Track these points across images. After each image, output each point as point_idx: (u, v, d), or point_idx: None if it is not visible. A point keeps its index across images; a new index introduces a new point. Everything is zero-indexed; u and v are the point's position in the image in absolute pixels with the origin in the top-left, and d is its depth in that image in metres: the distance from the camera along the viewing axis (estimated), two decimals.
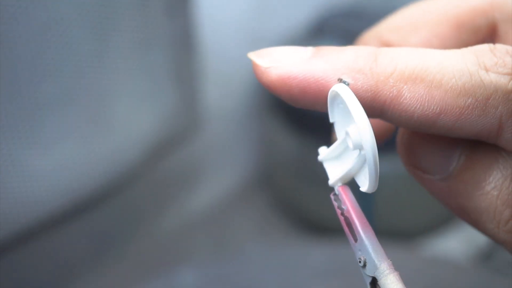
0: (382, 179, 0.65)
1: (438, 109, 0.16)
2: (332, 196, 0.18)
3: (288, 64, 0.18)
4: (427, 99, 0.16)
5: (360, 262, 0.17)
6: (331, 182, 0.19)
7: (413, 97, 0.16)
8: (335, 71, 0.18)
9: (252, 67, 0.19)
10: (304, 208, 0.63)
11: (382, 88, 0.17)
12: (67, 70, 0.37)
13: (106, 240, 0.56)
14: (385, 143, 0.25)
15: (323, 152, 0.19)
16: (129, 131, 0.43)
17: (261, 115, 0.66)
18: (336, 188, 0.19)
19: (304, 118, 0.58)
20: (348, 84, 0.17)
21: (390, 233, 0.59)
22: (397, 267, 0.44)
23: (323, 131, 0.58)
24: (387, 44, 0.22)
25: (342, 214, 0.18)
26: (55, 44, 0.36)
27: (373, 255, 0.17)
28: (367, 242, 0.17)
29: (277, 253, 0.44)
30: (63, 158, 0.39)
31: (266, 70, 0.18)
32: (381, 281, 0.17)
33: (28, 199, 0.38)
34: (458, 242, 0.62)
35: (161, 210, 0.61)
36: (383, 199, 0.58)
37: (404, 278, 0.43)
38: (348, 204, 0.18)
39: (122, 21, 0.39)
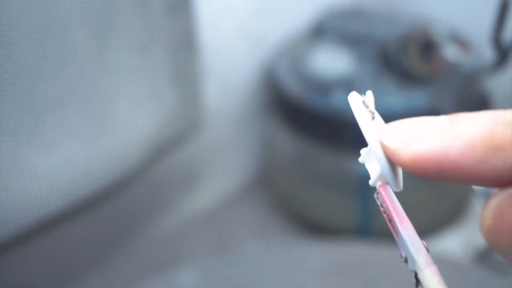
0: None
1: None
2: (375, 195, 0.19)
3: (418, 145, 0.17)
4: None
5: (402, 257, 0.18)
6: (371, 181, 0.19)
7: None
8: (472, 150, 0.16)
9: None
10: (304, 208, 0.63)
11: None
12: (67, 71, 0.37)
13: (106, 240, 0.57)
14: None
15: (363, 153, 0.20)
16: (129, 131, 0.43)
17: (261, 115, 0.66)
18: (376, 187, 0.19)
19: (304, 118, 0.58)
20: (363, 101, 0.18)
21: (389, 234, 0.60)
22: (397, 267, 0.44)
23: (323, 131, 0.58)
24: None
25: (385, 212, 0.19)
26: (56, 45, 0.36)
27: (411, 250, 0.18)
28: (405, 238, 0.18)
29: (277, 253, 0.44)
30: (64, 159, 0.39)
31: (396, 152, 0.17)
32: (419, 276, 0.17)
33: (28, 199, 0.38)
34: (457, 244, 0.62)
35: (162, 210, 0.61)
36: None
37: (404, 278, 0.43)
38: (388, 202, 0.18)
39: (122, 21, 0.39)
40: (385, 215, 0.19)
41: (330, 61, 0.59)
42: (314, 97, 0.56)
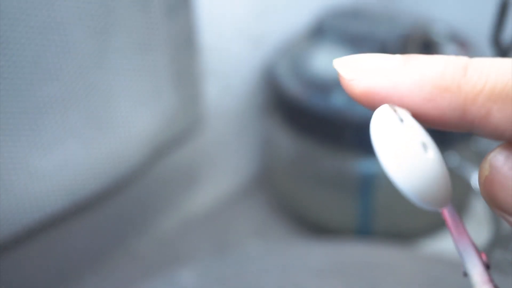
0: (381, 181, 0.66)
1: None
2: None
3: (371, 79, 0.17)
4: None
5: (462, 273, 0.18)
6: None
7: (503, 117, 0.15)
8: (420, 89, 0.17)
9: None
10: (304, 208, 0.63)
11: (470, 108, 0.16)
12: (67, 70, 0.37)
13: (106, 240, 0.57)
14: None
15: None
16: (129, 131, 0.43)
17: (261, 115, 0.66)
18: None
19: (304, 118, 0.58)
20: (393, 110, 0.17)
21: (389, 234, 0.60)
22: (397, 267, 0.44)
23: (323, 131, 0.58)
24: None
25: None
26: (56, 44, 0.36)
27: (467, 266, 0.17)
28: (462, 253, 0.18)
29: (277, 253, 0.44)
30: (64, 159, 0.39)
31: (350, 83, 0.18)
32: None
33: (28, 199, 0.38)
34: None
35: (161, 210, 0.61)
36: (383, 201, 0.58)
37: (404, 278, 0.43)
38: (447, 218, 0.18)
39: (122, 21, 0.39)
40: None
41: (330, 61, 0.58)
42: (314, 97, 0.56)
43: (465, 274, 0.17)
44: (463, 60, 0.17)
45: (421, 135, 0.17)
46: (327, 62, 0.59)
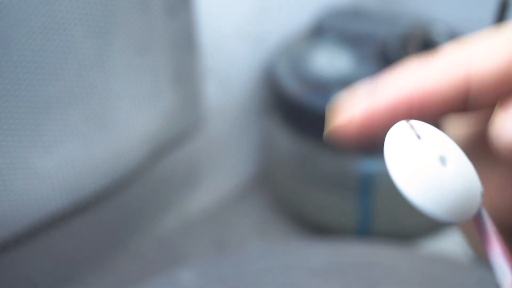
0: (381, 181, 0.65)
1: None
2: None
3: (351, 117, 0.17)
4: (498, 49, 0.16)
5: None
6: None
7: (485, 54, 0.16)
8: (402, 96, 0.17)
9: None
10: (304, 208, 0.63)
11: (453, 70, 0.16)
12: (67, 70, 0.37)
13: (107, 240, 0.57)
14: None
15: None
16: (129, 131, 0.43)
17: (261, 115, 0.66)
18: None
19: (304, 118, 0.58)
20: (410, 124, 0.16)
21: (389, 234, 0.60)
22: (397, 267, 0.44)
23: (323, 131, 0.58)
24: None
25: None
26: (56, 44, 0.36)
27: (497, 276, 0.17)
28: (493, 263, 0.17)
29: (277, 253, 0.44)
30: (64, 158, 0.39)
31: (349, 121, 0.18)
32: None
33: (29, 199, 0.38)
34: (457, 244, 0.62)
35: (162, 210, 0.61)
36: (383, 201, 0.58)
37: (404, 278, 0.43)
38: (477, 227, 0.17)
39: (122, 21, 0.39)
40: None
41: (330, 61, 0.59)
42: (314, 97, 0.57)
43: (498, 286, 0.17)
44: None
45: (441, 148, 0.15)
46: (327, 62, 0.59)
